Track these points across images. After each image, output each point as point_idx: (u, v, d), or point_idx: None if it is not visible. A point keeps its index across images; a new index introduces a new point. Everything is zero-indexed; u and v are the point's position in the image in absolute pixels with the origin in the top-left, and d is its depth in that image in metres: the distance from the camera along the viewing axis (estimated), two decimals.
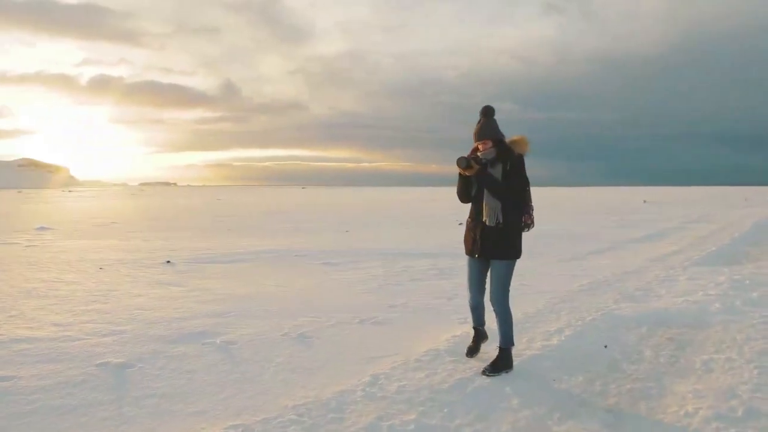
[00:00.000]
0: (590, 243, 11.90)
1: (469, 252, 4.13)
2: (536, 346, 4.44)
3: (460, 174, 4.02)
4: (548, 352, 4.27)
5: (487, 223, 4.00)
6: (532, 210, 4.13)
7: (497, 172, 3.96)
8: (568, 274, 7.89)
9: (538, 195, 6.23)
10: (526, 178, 4.01)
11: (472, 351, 4.25)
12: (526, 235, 4.08)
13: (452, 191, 4.29)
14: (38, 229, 15.73)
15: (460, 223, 17.39)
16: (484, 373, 3.90)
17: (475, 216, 4.06)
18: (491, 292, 4.08)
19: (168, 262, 9.04)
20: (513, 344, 4.08)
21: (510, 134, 4.10)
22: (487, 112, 4.02)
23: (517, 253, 4.03)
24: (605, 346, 4.43)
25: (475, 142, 4.04)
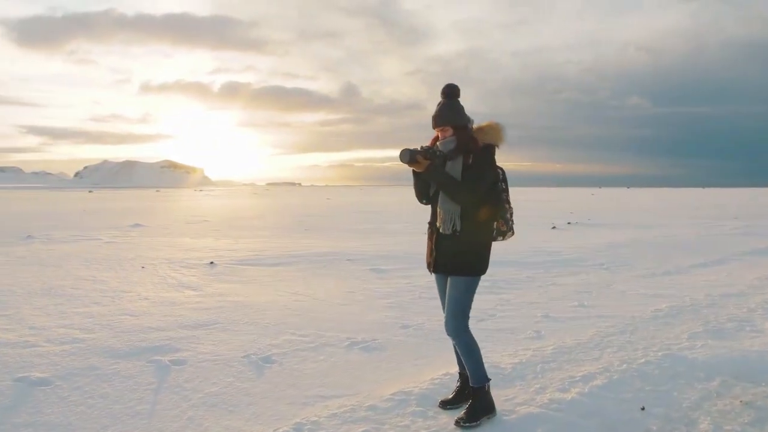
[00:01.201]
0: (696, 254, 9.91)
1: (427, 266, 3.23)
2: (541, 400, 3.31)
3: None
4: (552, 412, 3.14)
5: (440, 231, 3.12)
6: (510, 213, 3.20)
7: (457, 166, 3.06)
8: (648, 294, 6.40)
9: (660, 196, 4.95)
10: (497, 174, 3.12)
11: (446, 403, 3.30)
12: (611, 244, 3.05)
13: (569, 191, 3.35)
14: (132, 225, 16.81)
15: (554, 227, 15.76)
16: (457, 424, 3.04)
17: (432, 221, 3.19)
18: (445, 316, 3.16)
19: (211, 263, 8.90)
20: (488, 379, 3.19)
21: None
22: (449, 92, 3.12)
23: (478, 267, 3.09)
24: (642, 408, 3.20)
25: (434, 128, 3.16)
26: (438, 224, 3.14)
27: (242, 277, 7.67)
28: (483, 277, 3.14)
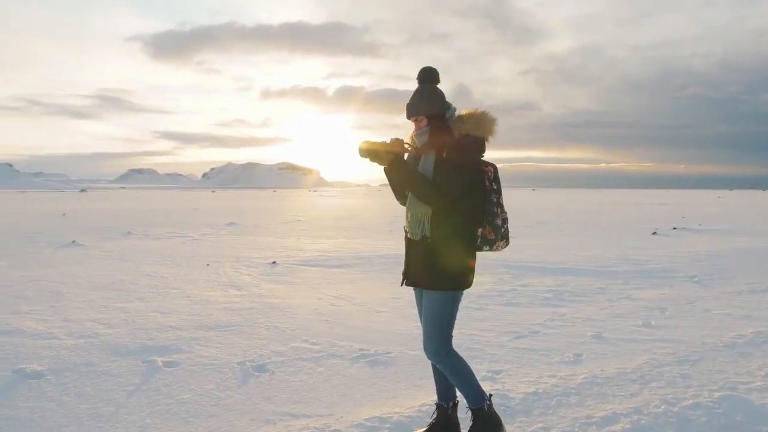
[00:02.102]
0: None
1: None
2: None
3: None
4: None
5: (409, 236, 2.73)
6: (502, 219, 2.71)
7: (428, 163, 2.64)
8: (736, 315, 5.36)
9: None
10: (480, 172, 2.67)
11: None
12: (713, 253, 2.56)
13: (693, 194, 2.92)
14: (227, 224, 17.73)
15: (654, 233, 14.14)
16: None
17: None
18: (423, 337, 2.74)
19: (273, 262, 9.00)
20: (487, 398, 2.78)
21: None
22: (424, 76, 2.71)
23: (456, 281, 2.64)
24: None
25: (407, 118, 2.76)
26: (405, 228, 2.75)
27: (294, 278, 7.62)
28: (544, 287, 2.75)
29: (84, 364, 3.90)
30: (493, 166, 2.74)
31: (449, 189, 2.55)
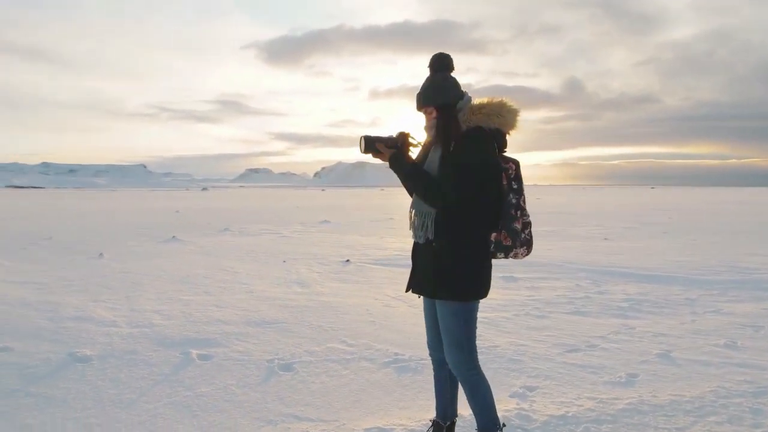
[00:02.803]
0: None
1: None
2: None
3: None
4: None
5: (413, 239, 2.58)
6: (522, 223, 2.48)
7: (435, 158, 2.47)
8: None
9: None
10: (490, 169, 2.41)
11: None
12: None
13: None
14: (320, 222, 18.32)
15: None
16: None
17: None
18: (444, 347, 2.57)
19: (347, 261, 9.12)
20: (499, 426, 2.55)
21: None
22: (437, 63, 2.52)
23: (466, 291, 2.44)
24: None
25: (417, 110, 2.59)
26: (410, 229, 2.61)
27: (361, 277, 7.66)
28: (623, 295, 2.58)
29: (128, 351, 4.18)
30: (515, 162, 2.51)
31: (452, 189, 2.34)
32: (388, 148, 2.51)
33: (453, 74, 2.54)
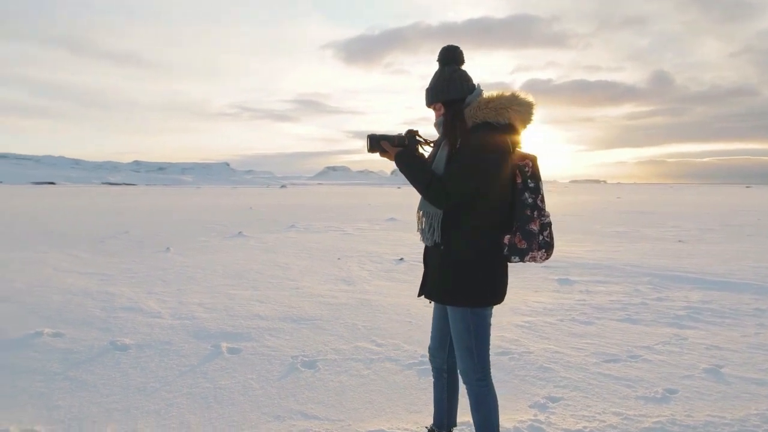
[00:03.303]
0: None
1: None
2: None
3: None
4: None
5: (421, 241, 2.53)
6: (535, 223, 2.35)
7: (442, 157, 2.40)
8: None
9: None
10: (497, 170, 2.29)
11: None
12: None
13: None
14: (386, 219, 18.43)
15: None
16: None
17: None
18: (456, 355, 2.51)
19: (401, 259, 9.13)
20: None
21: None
22: (446, 57, 2.45)
23: (471, 297, 2.35)
24: None
25: (427, 106, 2.54)
26: (418, 231, 2.56)
27: (411, 276, 7.63)
28: (684, 302, 2.50)
29: (165, 342, 4.41)
30: (532, 159, 2.38)
31: (456, 189, 2.25)
32: (394, 147, 2.47)
33: (464, 68, 2.47)
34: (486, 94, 2.41)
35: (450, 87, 2.39)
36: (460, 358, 2.45)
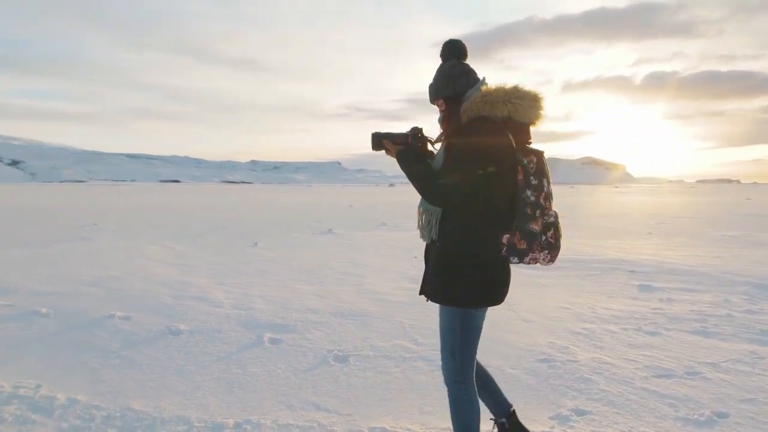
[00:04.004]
0: None
1: None
2: None
3: None
4: None
5: (420, 238, 2.52)
6: (537, 223, 2.27)
7: (440, 154, 2.40)
8: None
9: None
10: (493, 166, 2.21)
11: None
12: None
13: None
14: None
15: None
16: None
17: None
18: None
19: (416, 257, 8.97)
20: None
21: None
22: (447, 51, 2.43)
23: (461, 296, 2.31)
24: None
25: (431, 102, 2.52)
26: (417, 228, 2.55)
27: None
28: (724, 310, 2.31)
29: (215, 330, 4.73)
30: (537, 155, 2.30)
31: (448, 187, 2.21)
32: (396, 145, 2.47)
33: (468, 62, 2.43)
34: (485, 87, 2.35)
35: (448, 82, 2.36)
36: (443, 358, 2.42)
